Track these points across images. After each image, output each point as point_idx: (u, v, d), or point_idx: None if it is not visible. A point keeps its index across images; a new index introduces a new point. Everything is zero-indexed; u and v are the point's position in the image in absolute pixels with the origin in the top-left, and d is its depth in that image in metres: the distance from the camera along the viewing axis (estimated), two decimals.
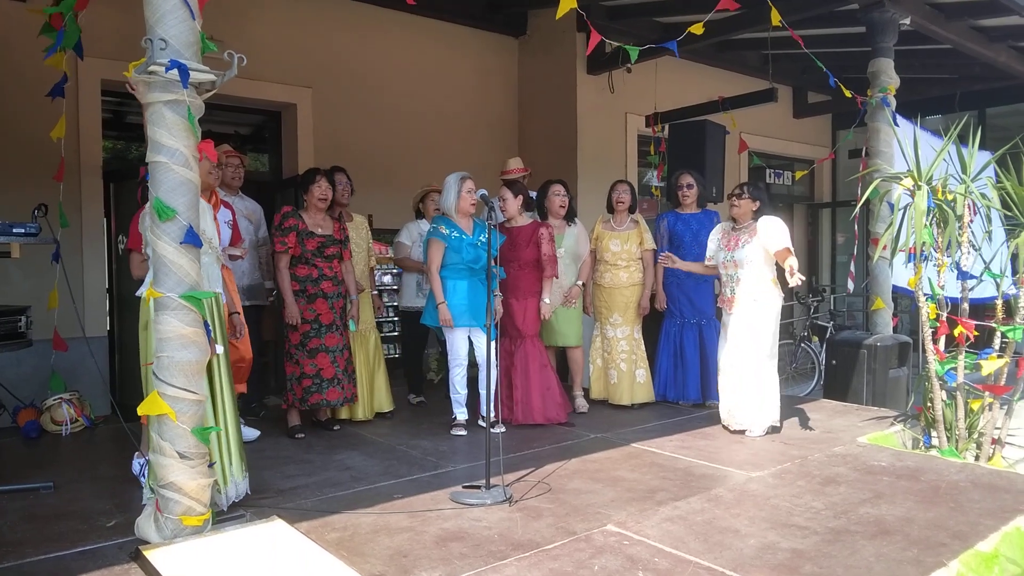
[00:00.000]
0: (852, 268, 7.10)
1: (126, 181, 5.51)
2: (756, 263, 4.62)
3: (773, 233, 4.56)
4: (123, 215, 5.64)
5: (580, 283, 5.36)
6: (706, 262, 4.95)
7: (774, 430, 4.73)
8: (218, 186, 4.48)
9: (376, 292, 5.54)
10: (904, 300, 7.50)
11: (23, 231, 3.48)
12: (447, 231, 4.70)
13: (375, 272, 5.55)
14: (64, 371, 5.08)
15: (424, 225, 5.63)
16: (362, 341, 5.19)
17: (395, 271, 6.76)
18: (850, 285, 7.09)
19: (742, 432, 4.67)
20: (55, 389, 5.00)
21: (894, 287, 5.97)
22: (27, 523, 3.21)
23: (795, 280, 4.22)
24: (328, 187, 4.75)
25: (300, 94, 6.59)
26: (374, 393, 5.25)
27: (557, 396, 5.05)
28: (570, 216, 5.41)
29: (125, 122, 6.22)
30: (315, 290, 4.70)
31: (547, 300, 5.03)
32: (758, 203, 4.68)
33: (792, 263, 4.33)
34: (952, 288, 4.63)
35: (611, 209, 5.60)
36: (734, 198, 4.75)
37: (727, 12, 4.83)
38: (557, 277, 5.10)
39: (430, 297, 4.81)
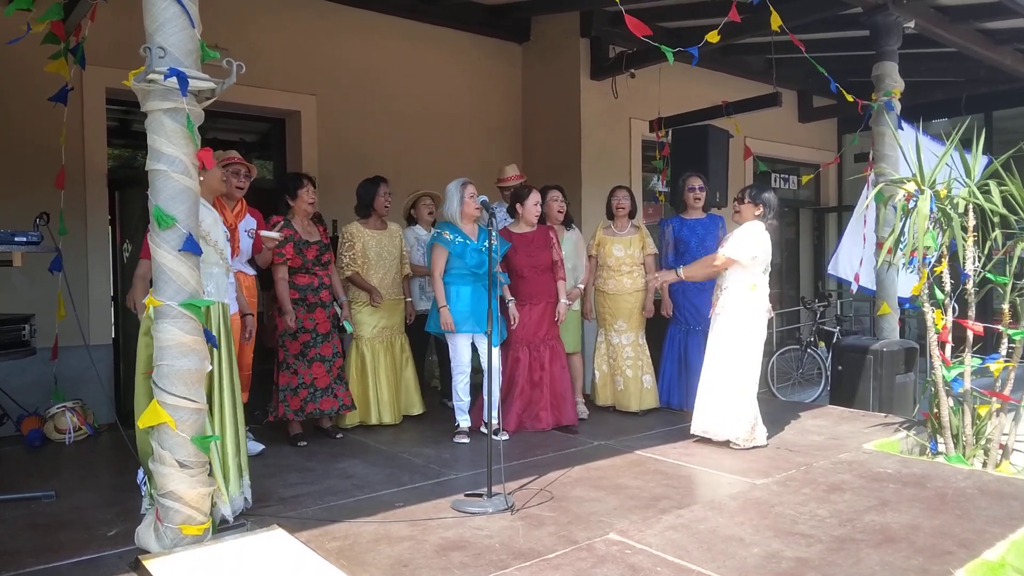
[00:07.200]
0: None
1: (131, 189, 5.52)
2: (729, 268, 4.55)
3: (731, 238, 4.54)
4: (128, 223, 5.65)
5: (580, 285, 5.36)
6: None
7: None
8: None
9: (409, 299, 5.42)
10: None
11: (25, 240, 3.48)
12: (451, 237, 4.71)
13: (408, 280, 5.42)
14: (68, 379, 5.08)
15: (420, 230, 5.63)
16: (388, 345, 5.18)
17: None
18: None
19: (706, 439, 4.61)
20: (56, 399, 5.00)
21: (898, 298, 5.91)
22: (28, 532, 3.21)
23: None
24: (314, 191, 4.78)
25: (305, 101, 6.59)
26: (400, 396, 5.25)
27: (572, 398, 5.21)
28: (568, 222, 5.44)
29: (131, 130, 6.24)
30: (315, 299, 4.73)
31: (565, 301, 5.12)
32: (760, 207, 4.52)
33: (689, 272, 4.56)
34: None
35: (611, 215, 5.59)
36: (736, 203, 4.65)
37: (732, 21, 4.81)
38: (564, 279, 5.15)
39: (433, 304, 4.82)
